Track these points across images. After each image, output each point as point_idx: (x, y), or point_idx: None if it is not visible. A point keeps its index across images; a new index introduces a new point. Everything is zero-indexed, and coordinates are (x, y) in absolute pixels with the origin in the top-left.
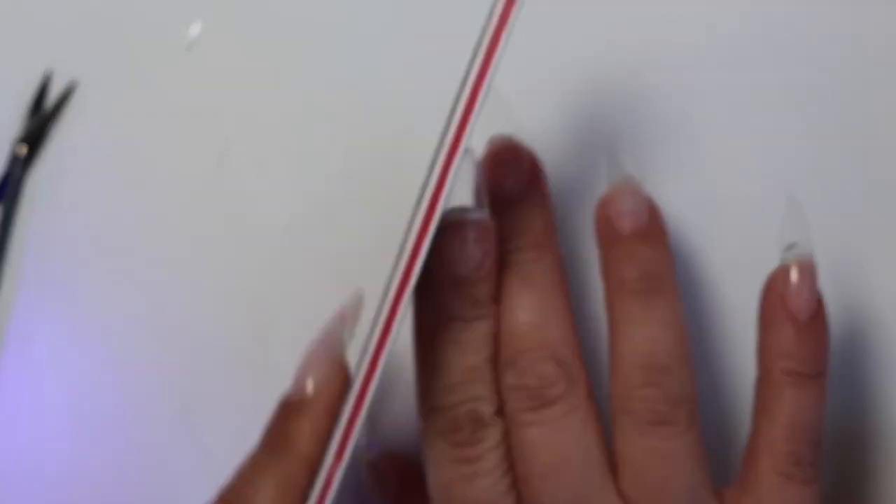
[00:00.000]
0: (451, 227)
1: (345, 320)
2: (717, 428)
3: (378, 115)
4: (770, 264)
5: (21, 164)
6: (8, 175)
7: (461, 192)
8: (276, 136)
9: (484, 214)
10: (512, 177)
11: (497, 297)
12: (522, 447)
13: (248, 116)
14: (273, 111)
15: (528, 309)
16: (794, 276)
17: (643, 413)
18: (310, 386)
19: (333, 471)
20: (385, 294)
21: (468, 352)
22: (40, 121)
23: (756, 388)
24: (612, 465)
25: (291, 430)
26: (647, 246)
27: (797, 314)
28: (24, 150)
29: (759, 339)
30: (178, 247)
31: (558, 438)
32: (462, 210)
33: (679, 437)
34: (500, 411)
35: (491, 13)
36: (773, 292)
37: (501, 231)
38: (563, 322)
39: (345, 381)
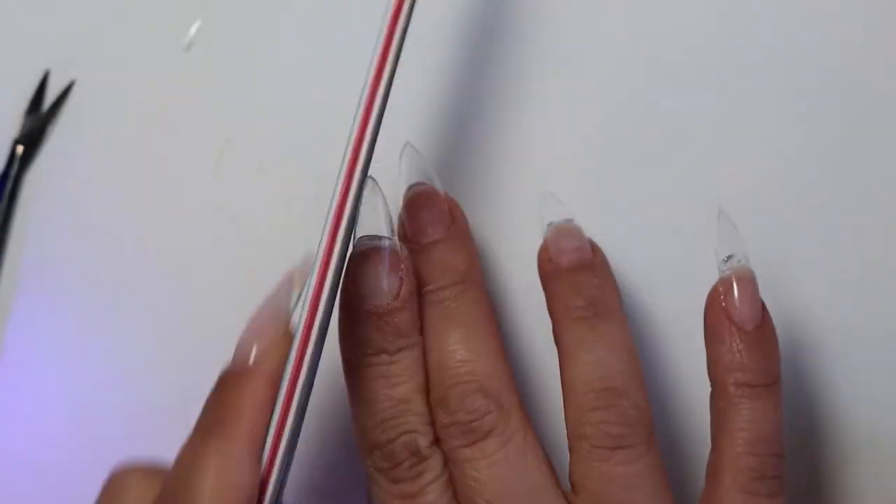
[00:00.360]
0: (362, 257)
1: (291, 285)
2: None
3: None
4: (708, 277)
5: (19, 164)
6: (6, 174)
7: (369, 223)
8: (274, 135)
9: (394, 241)
10: (430, 219)
11: (421, 327)
12: (465, 486)
13: (246, 116)
14: (271, 111)
15: (452, 345)
16: (735, 287)
17: (600, 437)
18: (252, 355)
19: (278, 439)
20: (316, 254)
21: (397, 384)
22: (38, 120)
23: (711, 403)
24: (571, 490)
25: (231, 402)
26: (591, 275)
27: (743, 325)
28: (21, 149)
29: (709, 355)
30: (177, 246)
31: (498, 471)
32: (371, 238)
33: (639, 461)
34: (437, 441)
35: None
36: (716, 306)
37: (424, 273)
38: (491, 354)
39: (288, 347)
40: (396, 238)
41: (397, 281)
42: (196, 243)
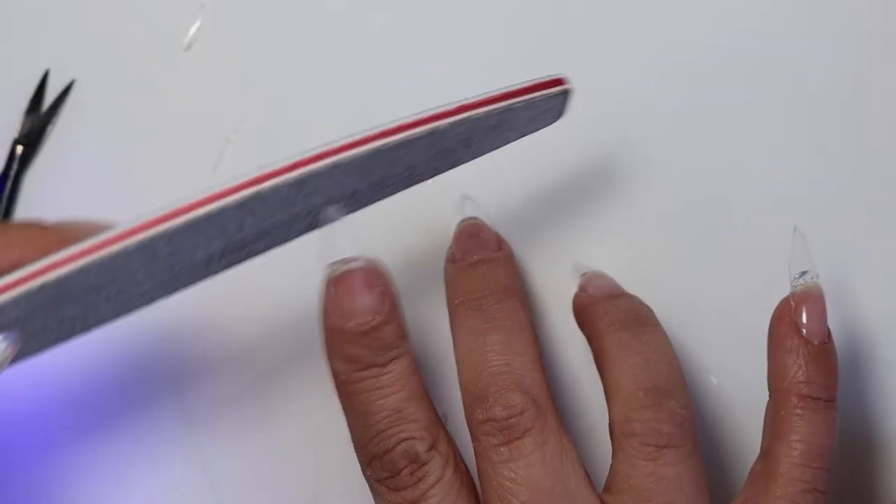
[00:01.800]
0: (336, 282)
1: None
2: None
3: (377, 117)
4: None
5: (19, 163)
6: (6, 174)
7: (334, 248)
8: (273, 136)
9: (365, 259)
10: (478, 244)
11: (456, 335)
12: (499, 486)
13: (245, 117)
14: (271, 111)
15: (491, 345)
16: (807, 302)
17: (650, 435)
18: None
19: None
20: None
21: (390, 394)
22: (38, 120)
23: (768, 413)
24: (608, 492)
25: None
26: (628, 299)
27: (811, 340)
28: (21, 149)
29: (772, 365)
30: None
31: (534, 473)
32: (342, 262)
33: (684, 462)
34: (435, 445)
35: None
36: (786, 318)
37: (467, 285)
38: (529, 358)
39: None
40: (366, 256)
41: (378, 296)
42: None
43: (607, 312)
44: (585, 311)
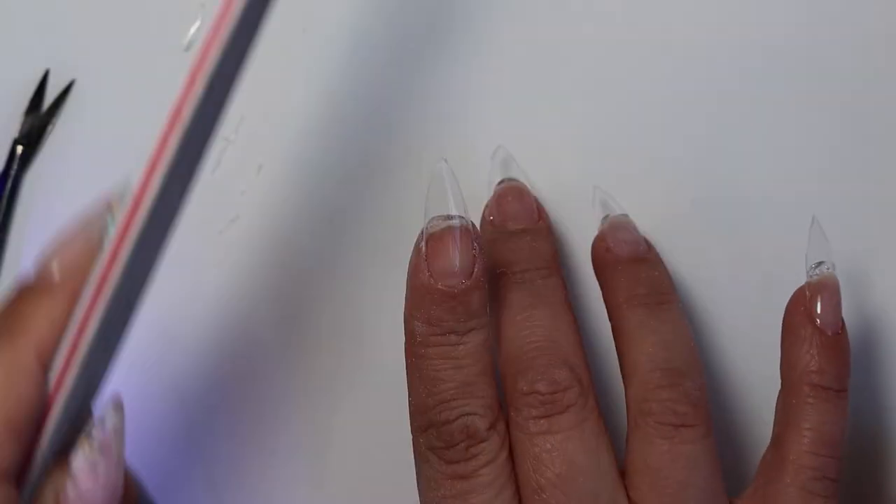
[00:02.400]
0: (435, 238)
1: (107, 208)
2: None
3: (377, 118)
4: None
5: (19, 164)
6: (6, 174)
7: (439, 203)
8: (273, 136)
9: (465, 220)
10: (520, 210)
11: (502, 304)
12: (534, 457)
13: (245, 117)
14: (270, 112)
15: (540, 321)
16: (822, 292)
17: (665, 414)
18: (55, 268)
19: (70, 358)
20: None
21: (463, 366)
22: (38, 120)
23: (780, 401)
24: (625, 474)
25: (24, 314)
26: (649, 266)
27: (825, 330)
28: (21, 149)
29: (785, 354)
30: (176, 246)
31: (571, 448)
32: (443, 218)
33: (699, 441)
34: (495, 426)
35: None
36: (800, 308)
37: (510, 256)
38: (573, 336)
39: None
40: (468, 217)
41: (471, 260)
42: (195, 243)
43: (627, 284)
44: (605, 273)
